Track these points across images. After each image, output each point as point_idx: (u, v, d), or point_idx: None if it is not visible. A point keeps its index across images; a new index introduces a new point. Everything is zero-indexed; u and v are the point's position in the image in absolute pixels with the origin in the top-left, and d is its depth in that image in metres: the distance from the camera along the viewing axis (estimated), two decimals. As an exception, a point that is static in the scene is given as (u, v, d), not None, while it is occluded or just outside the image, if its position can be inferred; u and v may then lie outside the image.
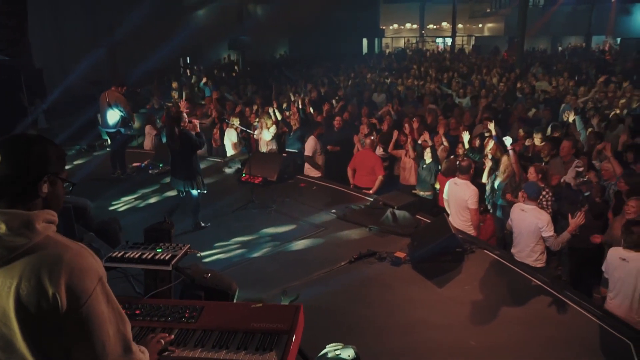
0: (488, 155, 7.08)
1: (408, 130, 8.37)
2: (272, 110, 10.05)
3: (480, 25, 37.63)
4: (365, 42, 34.99)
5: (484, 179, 7.00)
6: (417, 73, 18.15)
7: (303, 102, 11.08)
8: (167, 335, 2.29)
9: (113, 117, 8.58)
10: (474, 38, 37.41)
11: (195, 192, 6.43)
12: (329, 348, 3.14)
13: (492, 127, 7.36)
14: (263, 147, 9.42)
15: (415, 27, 39.60)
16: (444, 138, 8.07)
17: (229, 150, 9.81)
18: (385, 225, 6.30)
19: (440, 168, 7.25)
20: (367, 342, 3.87)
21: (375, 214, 6.56)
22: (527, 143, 7.90)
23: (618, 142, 7.94)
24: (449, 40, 34.24)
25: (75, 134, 10.81)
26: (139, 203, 7.60)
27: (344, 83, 16.34)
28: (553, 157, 6.98)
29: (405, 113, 10.54)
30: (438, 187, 7.32)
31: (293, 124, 9.89)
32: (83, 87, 15.01)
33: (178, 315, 2.45)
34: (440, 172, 7.17)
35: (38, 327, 1.47)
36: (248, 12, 23.36)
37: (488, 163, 6.97)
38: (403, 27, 40.15)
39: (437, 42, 39.03)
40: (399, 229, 6.18)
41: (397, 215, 6.32)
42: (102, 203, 7.29)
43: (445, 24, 36.82)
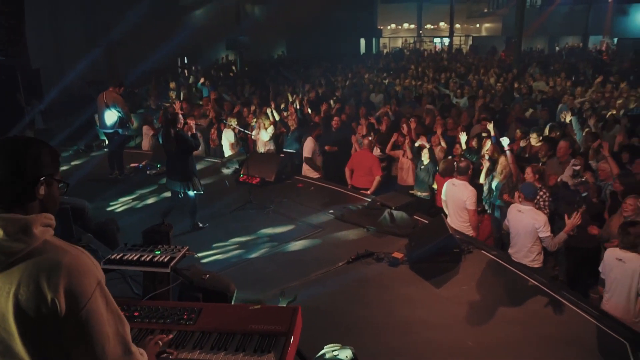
0: (485, 156, 7.09)
1: (406, 131, 8.39)
2: (269, 111, 10.06)
3: (478, 25, 37.68)
4: (363, 42, 35.00)
5: (482, 180, 7.02)
6: (414, 73, 18.17)
7: (301, 102, 11.08)
8: (165, 336, 2.29)
9: (111, 117, 8.58)
10: (472, 38, 37.46)
11: (192, 193, 6.45)
12: (327, 349, 3.15)
13: (491, 127, 7.38)
14: (261, 147, 9.42)
15: (413, 27, 39.61)
16: (442, 138, 8.08)
17: (227, 151, 9.81)
18: (383, 226, 6.31)
19: (438, 169, 7.27)
20: (365, 342, 3.88)
21: (373, 215, 6.58)
22: (522, 144, 7.92)
23: (614, 142, 7.97)
24: (447, 40, 34.27)
25: (73, 135, 10.79)
26: (137, 204, 7.60)
27: (342, 83, 16.34)
28: (550, 157, 7.01)
29: (403, 113, 10.56)
30: (436, 187, 7.34)
31: (291, 125, 9.90)
32: (80, 87, 15.01)
33: (176, 317, 2.45)
34: (438, 172, 7.18)
35: (37, 331, 1.47)
36: (246, 12, 23.36)
37: (485, 164, 6.99)
38: (401, 27, 40.18)
39: (434, 42, 39.06)
40: (397, 230, 6.19)
41: (394, 216, 6.33)
42: (99, 204, 7.28)
43: (443, 24, 36.82)
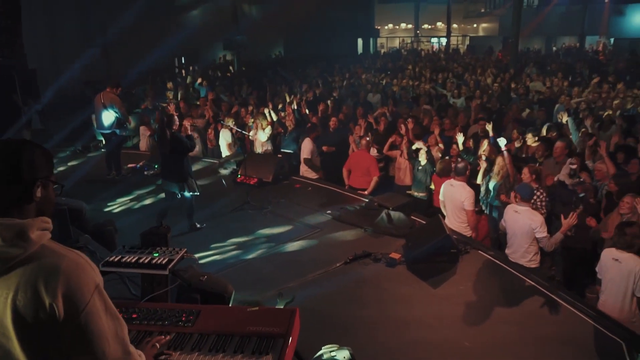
0: (482, 157, 7.11)
1: (404, 131, 8.40)
2: (267, 111, 10.07)
3: (475, 25, 37.74)
4: (360, 42, 35.02)
5: (479, 180, 7.04)
6: (412, 73, 18.19)
7: (299, 103, 11.09)
8: (163, 338, 2.30)
9: (108, 118, 8.57)
10: (469, 38, 37.52)
11: (188, 194, 6.46)
12: (325, 350, 3.17)
13: (489, 128, 7.41)
14: (258, 148, 9.43)
15: (410, 27, 39.67)
16: (439, 138, 8.10)
17: (224, 151, 9.81)
18: (381, 227, 6.31)
19: (435, 169, 7.28)
20: (362, 343, 3.89)
21: (371, 215, 6.59)
22: (517, 144, 7.95)
23: (610, 142, 8.00)
24: (444, 40, 34.34)
25: (70, 135, 10.77)
26: (135, 204, 7.59)
27: (339, 83, 16.35)
28: (547, 157, 7.04)
29: (400, 114, 10.58)
30: (433, 187, 7.36)
31: (288, 125, 9.90)
32: (77, 87, 14.96)
33: (175, 319, 2.46)
34: (435, 172, 7.20)
35: (36, 337, 1.47)
36: (243, 12, 23.33)
37: (483, 164, 7.01)
38: (398, 27, 40.21)
39: (431, 42, 39.13)
40: (394, 230, 6.20)
41: (392, 216, 6.34)
42: (97, 205, 7.27)
43: (440, 24, 36.90)
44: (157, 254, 2.81)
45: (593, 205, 6.02)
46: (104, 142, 9.47)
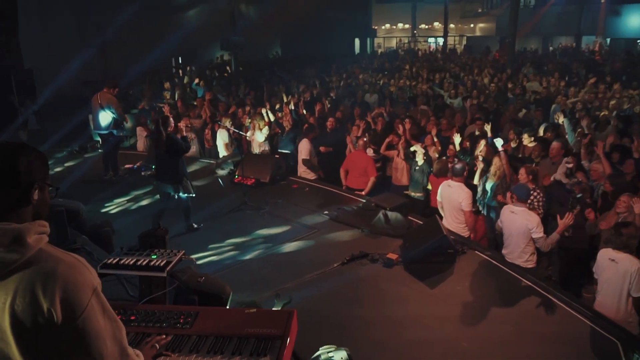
0: (479, 157, 7.13)
1: (401, 131, 8.41)
2: (264, 112, 10.07)
3: (472, 25, 37.79)
4: (358, 42, 35.03)
5: (476, 181, 7.06)
6: (409, 73, 18.21)
7: (296, 103, 11.09)
8: (162, 338, 2.31)
9: (105, 119, 8.55)
10: (466, 38, 37.58)
11: (184, 195, 6.46)
12: (322, 350, 3.19)
13: (488, 128, 7.43)
14: (256, 148, 9.43)
15: (407, 27, 39.68)
16: (436, 139, 8.12)
17: (222, 151, 9.81)
18: (378, 227, 6.33)
19: (432, 169, 7.30)
20: (359, 343, 3.90)
21: (368, 216, 6.60)
22: (513, 145, 7.97)
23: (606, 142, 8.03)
24: (441, 40, 34.38)
25: (67, 136, 10.74)
26: (132, 205, 7.59)
27: (336, 84, 16.36)
28: (543, 158, 7.07)
29: (397, 114, 10.59)
30: (430, 188, 7.37)
31: (285, 125, 9.91)
32: (74, 87, 14.93)
33: (173, 321, 2.46)
34: (432, 173, 7.22)
35: (35, 341, 1.48)
36: (240, 12, 23.31)
37: (479, 164, 7.03)
38: (395, 27, 40.23)
39: (429, 42, 39.17)
40: (391, 231, 6.22)
41: (389, 217, 6.36)
42: (94, 205, 7.26)
43: (437, 24, 36.94)
44: (155, 256, 2.82)
45: (590, 206, 6.04)
46: (101, 142, 9.45)
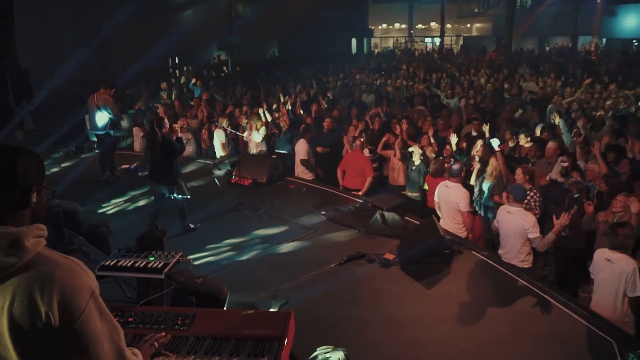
0: (476, 157, 7.15)
1: (398, 131, 8.42)
2: (261, 112, 10.06)
3: (469, 25, 37.88)
4: (354, 42, 35.06)
5: (472, 181, 7.07)
6: (405, 73, 18.22)
7: (293, 103, 11.09)
8: (162, 336, 2.31)
9: (102, 119, 8.55)
10: (462, 38, 37.65)
11: (179, 197, 6.46)
12: (319, 351, 3.19)
13: (486, 129, 7.45)
14: (253, 148, 9.43)
15: (404, 27, 39.76)
16: (432, 139, 8.13)
17: (219, 151, 9.81)
18: (375, 227, 6.34)
19: (429, 169, 7.31)
20: (356, 344, 3.91)
21: (365, 216, 6.61)
22: (510, 144, 7.99)
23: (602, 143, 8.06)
24: (438, 40, 34.44)
25: (64, 136, 10.72)
26: (129, 206, 7.58)
27: (333, 84, 16.36)
28: (539, 158, 7.09)
29: (394, 114, 10.60)
30: (427, 188, 7.38)
31: (283, 126, 9.91)
32: (71, 87, 14.90)
33: (170, 323, 2.47)
34: (429, 173, 7.23)
35: (33, 344, 1.48)
36: (237, 12, 23.30)
37: (476, 165, 7.04)
38: (392, 27, 40.30)
39: (425, 42, 39.23)
40: (388, 231, 6.22)
41: (386, 217, 6.37)
42: (91, 206, 7.26)
43: (434, 24, 36.99)
44: (152, 258, 2.82)
45: (586, 205, 6.06)
46: (98, 143, 9.44)
